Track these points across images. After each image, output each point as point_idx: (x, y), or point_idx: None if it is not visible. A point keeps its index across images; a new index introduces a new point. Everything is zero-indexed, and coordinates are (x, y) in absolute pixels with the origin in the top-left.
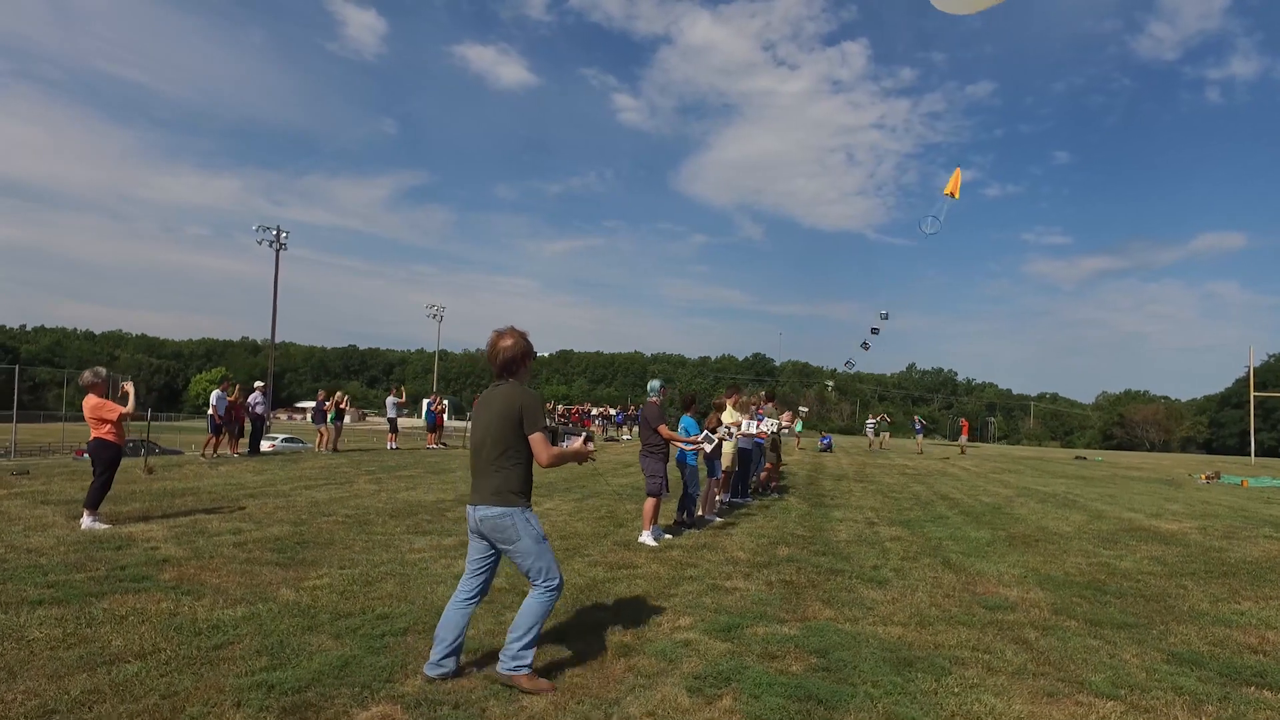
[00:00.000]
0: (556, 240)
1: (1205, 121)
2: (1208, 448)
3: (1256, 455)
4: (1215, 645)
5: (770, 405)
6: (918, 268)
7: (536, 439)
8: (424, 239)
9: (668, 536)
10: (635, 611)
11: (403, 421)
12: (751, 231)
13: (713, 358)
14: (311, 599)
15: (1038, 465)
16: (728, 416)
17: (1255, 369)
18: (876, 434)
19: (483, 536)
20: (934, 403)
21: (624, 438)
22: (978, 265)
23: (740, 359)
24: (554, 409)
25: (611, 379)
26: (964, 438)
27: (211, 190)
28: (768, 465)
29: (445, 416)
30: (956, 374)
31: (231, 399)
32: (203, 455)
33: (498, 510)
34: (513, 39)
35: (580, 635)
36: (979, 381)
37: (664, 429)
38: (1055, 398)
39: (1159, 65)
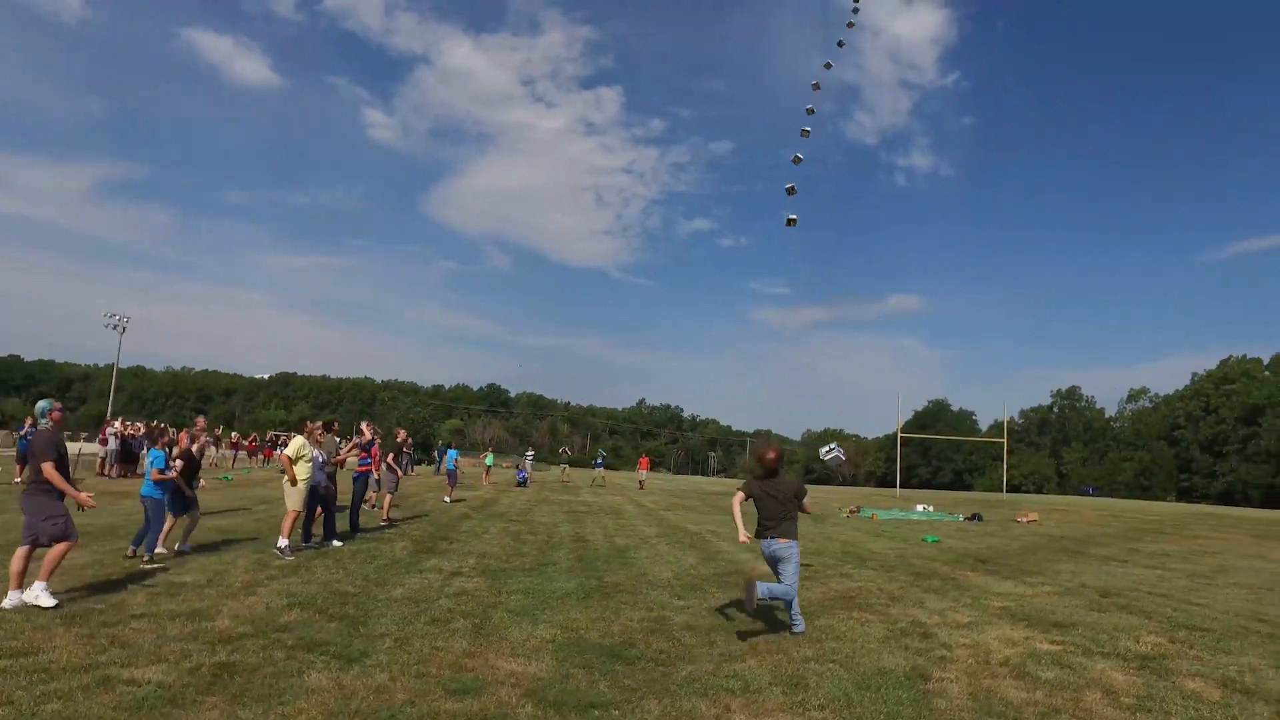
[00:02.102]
0: (296, 255)
1: (895, 200)
2: (884, 481)
3: (914, 487)
4: None
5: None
6: (659, 307)
7: (807, 505)
8: (138, 240)
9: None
10: None
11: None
12: (500, 261)
13: (446, 387)
14: None
15: (714, 501)
16: (293, 449)
17: (918, 411)
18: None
19: (773, 560)
20: (661, 437)
21: None
22: (712, 309)
23: (475, 389)
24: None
25: (337, 405)
26: (643, 472)
27: None
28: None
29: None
30: (683, 410)
31: None
32: None
33: (787, 542)
34: (255, 33)
35: None
36: (703, 418)
37: (48, 468)
38: (768, 434)
39: (863, 148)
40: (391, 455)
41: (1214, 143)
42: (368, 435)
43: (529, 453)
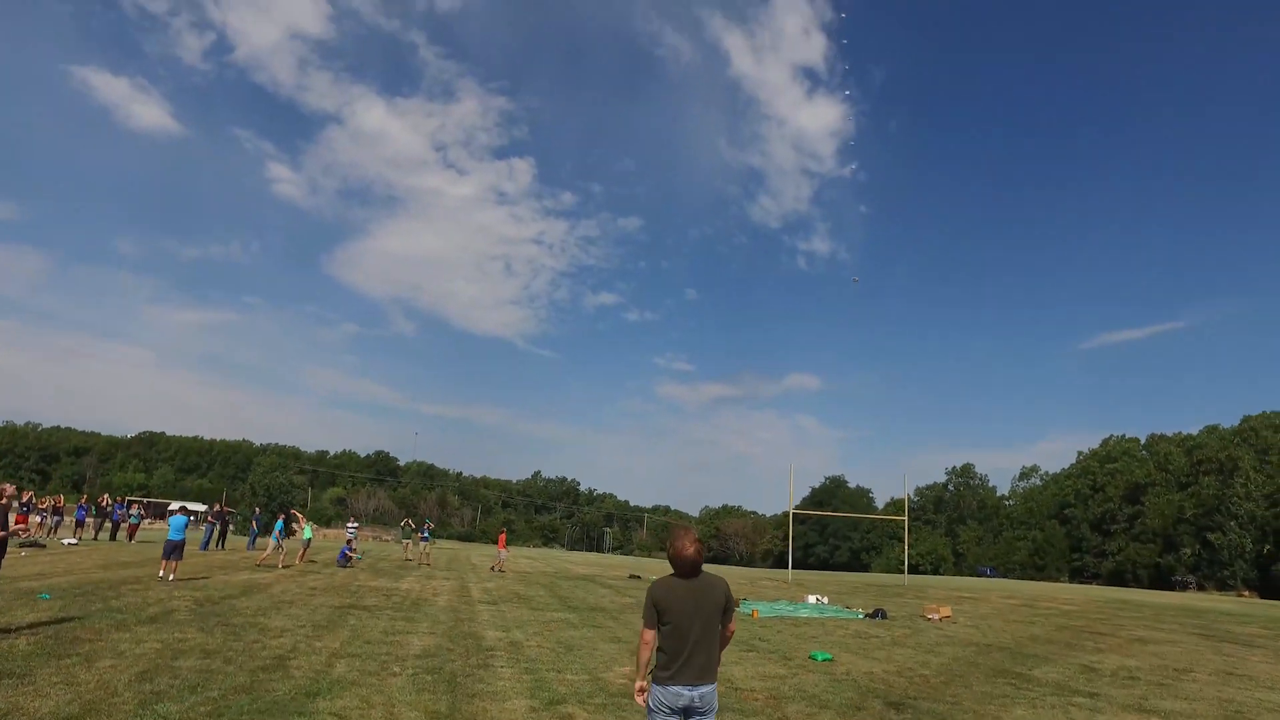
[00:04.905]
0: (185, 309)
1: (796, 282)
2: (780, 560)
3: (811, 567)
4: None
5: None
6: (563, 380)
7: (732, 626)
8: (4, 286)
9: None
10: None
11: None
12: (404, 327)
13: (332, 453)
14: None
15: (569, 592)
16: None
17: (815, 488)
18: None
19: (689, 713)
20: (556, 511)
21: (66, 541)
22: (616, 383)
23: (363, 456)
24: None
25: (207, 469)
26: (502, 553)
27: None
28: None
29: None
30: (579, 484)
31: None
32: None
33: (713, 686)
34: (156, 78)
35: None
36: (600, 492)
37: None
38: (667, 510)
39: (766, 230)
40: None
41: (1084, 241)
42: None
43: (350, 524)
